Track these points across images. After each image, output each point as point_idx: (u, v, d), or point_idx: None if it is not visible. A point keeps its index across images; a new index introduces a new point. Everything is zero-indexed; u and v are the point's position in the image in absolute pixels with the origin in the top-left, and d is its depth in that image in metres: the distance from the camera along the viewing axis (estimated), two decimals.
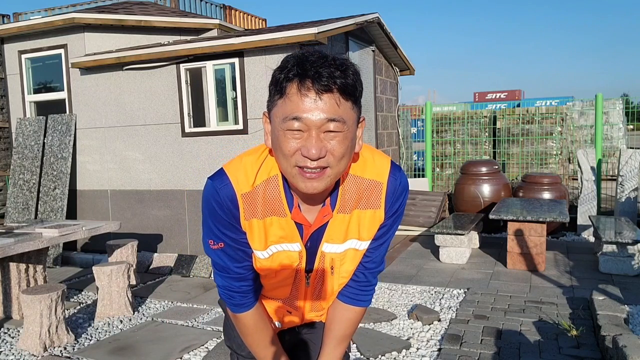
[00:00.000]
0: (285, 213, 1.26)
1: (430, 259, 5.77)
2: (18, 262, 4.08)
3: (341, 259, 1.35)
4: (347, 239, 1.31)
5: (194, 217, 5.94)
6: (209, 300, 4.61)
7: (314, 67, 1.09)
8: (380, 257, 1.42)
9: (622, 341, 2.82)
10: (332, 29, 5.38)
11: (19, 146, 6.64)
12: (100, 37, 6.46)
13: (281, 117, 1.12)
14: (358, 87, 1.14)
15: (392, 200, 1.30)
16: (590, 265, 5.26)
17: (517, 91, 22.89)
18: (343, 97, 1.11)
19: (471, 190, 7.05)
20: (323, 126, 1.10)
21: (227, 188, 1.24)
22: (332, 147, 1.12)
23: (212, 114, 5.83)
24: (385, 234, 1.36)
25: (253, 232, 1.28)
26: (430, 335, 3.60)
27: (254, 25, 11.57)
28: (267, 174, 1.25)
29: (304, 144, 1.11)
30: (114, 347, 3.58)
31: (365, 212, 1.29)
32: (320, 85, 1.08)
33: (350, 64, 1.14)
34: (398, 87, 8.65)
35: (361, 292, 1.44)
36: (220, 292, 1.41)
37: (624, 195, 6.50)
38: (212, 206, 1.26)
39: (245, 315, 1.41)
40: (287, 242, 1.29)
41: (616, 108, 11.31)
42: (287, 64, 1.13)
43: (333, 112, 1.10)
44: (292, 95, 1.10)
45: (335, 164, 1.14)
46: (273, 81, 1.15)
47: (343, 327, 1.46)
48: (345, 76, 1.10)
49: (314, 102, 1.09)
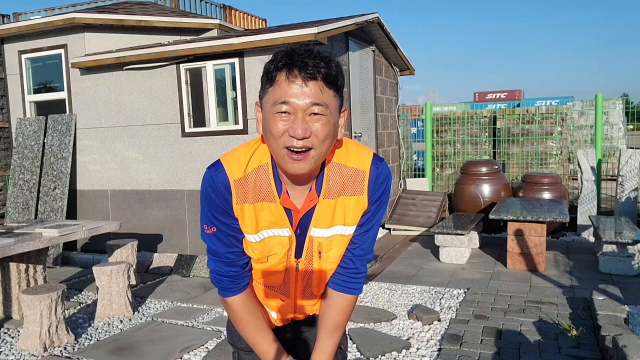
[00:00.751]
0: (275, 198, 1.36)
1: (430, 259, 5.77)
2: (18, 262, 4.08)
3: (328, 244, 1.43)
4: (333, 224, 1.40)
5: (194, 217, 5.94)
6: (209, 300, 4.61)
7: (300, 58, 1.22)
8: (367, 244, 1.49)
9: (622, 341, 2.82)
10: (332, 29, 5.38)
11: (19, 146, 6.64)
12: (100, 37, 6.46)
13: (271, 102, 1.25)
14: (340, 78, 1.27)
15: (375, 187, 1.40)
16: (590, 265, 5.26)
17: (517, 91, 22.89)
18: (326, 85, 1.24)
19: (471, 190, 7.05)
20: (308, 109, 1.22)
21: (221, 175, 1.36)
22: (315, 129, 1.23)
23: (212, 114, 5.83)
24: (370, 220, 1.45)
25: (244, 216, 1.37)
26: (430, 335, 3.60)
27: (254, 25, 11.57)
28: (259, 162, 1.37)
29: (291, 126, 1.23)
30: (114, 347, 3.58)
31: (349, 199, 1.39)
32: (306, 73, 1.21)
33: (334, 59, 1.28)
34: (398, 87, 8.65)
35: (351, 279, 1.50)
36: (212, 277, 1.49)
37: (624, 195, 6.50)
38: (208, 192, 1.38)
39: (234, 300, 1.48)
40: (277, 227, 1.39)
41: (616, 108, 11.31)
42: (277, 56, 1.26)
43: (317, 97, 1.22)
44: (281, 82, 1.23)
45: (319, 145, 1.25)
46: (264, 72, 1.28)
47: (335, 316, 1.52)
48: (329, 67, 1.24)
49: (300, 87, 1.21)
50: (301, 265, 1.47)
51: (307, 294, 1.54)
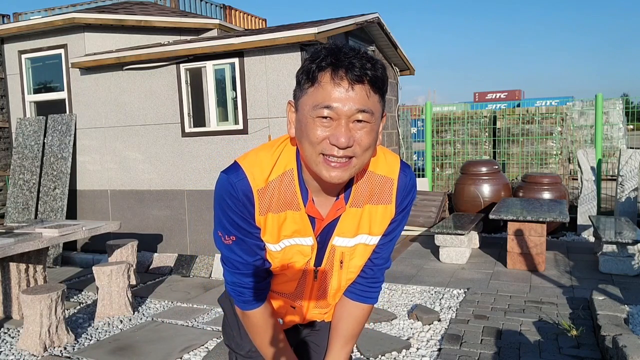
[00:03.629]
0: (300, 207, 1.27)
1: (430, 259, 5.77)
2: (18, 262, 4.08)
3: (351, 254, 1.36)
4: (358, 233, 1.32)
5: (194, 217, 5.94)
6: (209, 300, 4.61)
7: (347, 57, 1.11)
8: (388, 254, 1.43)
9: (622, 341, 2.82)
10: (332, 29, 5.38)
11: (19, 146, 6.64)
12: (100, 37, 6.46)
13: (311, 105, 1.13)
14: (386, 81, 1.17)
15: (402, 196, 1.33)
16: (590, 265, 5.26)
17: (517, 91, 22.90)
18: (373, 90, 1.13)
19: (471, 190, 7.05)
20: (353, 116, 1.12)
21: (243, 182, 1.24)
22: (359, 137, 1.13)
23: (212, 114, 5.83)
24: (395, 230, 1.38)
25: (267, 227, 1.28)
26: (430, 335, 3.60)
27: (254, 25, 11.57)
28: (283, 169, 1.26)
29: (332, 132, 1.12)
30: (114, 347, 3.58)
31: (377, 208, 1.31)
32: (354, 75, 1.10)
33: (379, 60, 1.16)
34: (398, 87, 8.65)
35: (369, 288, 1.44)
36: (229, 289, 1.39)
37: (624, 195, 6.50)
38: (225, 200, 1.26)
39: (255, 313, 1.38)
40: (300, 237, 1.30)
41: (616, 108, 11.31)
42: (320, 53, 1.14)
43: (363, 102, 1.11)
44: (325, 83, 1.11)
45: (361, 154, 1.15)
46: (304, 70, 1.15)
47: (350, 326, 1.46)
48: (376, 69, 1.12)
49: (346, 91, 1.10)
50: (320, 275, 1.39)
51: (321, 303, 1.47)
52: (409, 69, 8.64)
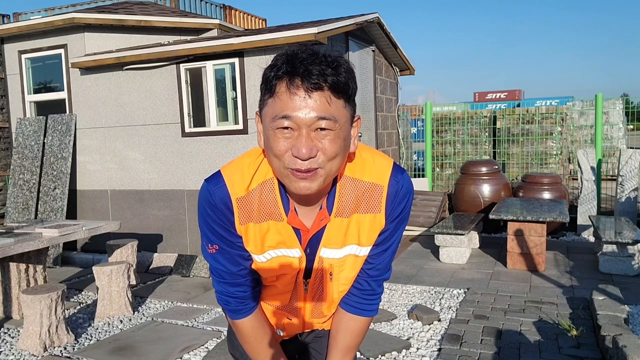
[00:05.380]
0: (282, 217, 1.22)
1: (430, 259, 5.77)
2: (18, 262, 4.08)
3: (340, 265, 1.30)
4: (346, 244, 1.27)
5: (194, 217, 5.94)
6: (209, 300, 4.61)
7: (303, 64, 1.06)
8: (384, 264, 1.35)
9: (622, 341, 2.82)
10: (332, 29, 5.38)
11: (19, 146, 6.64)
12: (100, 37, 6.46)
13: (271, 116, 1.10)
14: (351, 84, 1.11)
15: (394, 204, 1.25)
16: (590, 265, 5.26)
17: (517, 91, 22.91)
18: (334, 95, 1.07)
19: (471, 190, 7.05)
20: (314, 124, 1.07)
21: (222, 190, 1.21)
22: (323, 146, 1.08)
23: (212, 114, 5.83)
24: (388, 240, 1.31)
25: (249, 237, 1.25)
26: (430, 335, 3.60)
27: (254, 25, 11.57)
28: (264, 177, 1.22)
29: (294, 144, 1.08)
30: (114, 347, 3.58)
31: (364, 217, 1.24)
32: (310, 83, 1.05)
33: (344, 61, 1.10)
34: (398, 87, 8.65)
35: (366, 301, 1.38)
36: (218, 297, 1.38)
37: (624, 195, 6.50)
38: (205, 209, 1.25)
39: (243, 322, 1.37)
40: (286, 248, 1.25)
41: (616, 108, 11.31)
42: (277, 61, 1.10)
43: (324, 110, 1.06)
44: (281, 93, 1.08)
45: (327, 163, 1.10)
46: (263, 80, 1.13)
47: (348, 338, 1.41)
48: (337, 74, 1.07)
49: (303, 100, 1.05)
50: (310, 287, 1.34)
51: (316, 314, 1.43)
52: (409, 69, 8.65)
